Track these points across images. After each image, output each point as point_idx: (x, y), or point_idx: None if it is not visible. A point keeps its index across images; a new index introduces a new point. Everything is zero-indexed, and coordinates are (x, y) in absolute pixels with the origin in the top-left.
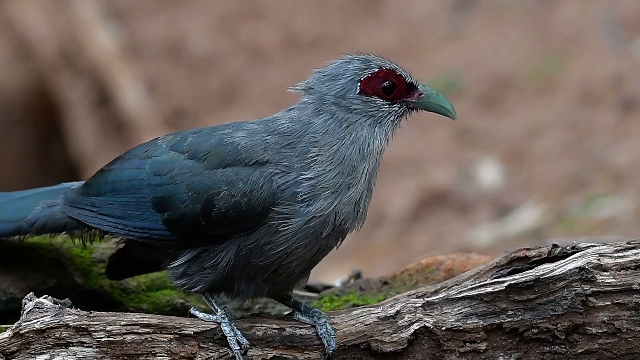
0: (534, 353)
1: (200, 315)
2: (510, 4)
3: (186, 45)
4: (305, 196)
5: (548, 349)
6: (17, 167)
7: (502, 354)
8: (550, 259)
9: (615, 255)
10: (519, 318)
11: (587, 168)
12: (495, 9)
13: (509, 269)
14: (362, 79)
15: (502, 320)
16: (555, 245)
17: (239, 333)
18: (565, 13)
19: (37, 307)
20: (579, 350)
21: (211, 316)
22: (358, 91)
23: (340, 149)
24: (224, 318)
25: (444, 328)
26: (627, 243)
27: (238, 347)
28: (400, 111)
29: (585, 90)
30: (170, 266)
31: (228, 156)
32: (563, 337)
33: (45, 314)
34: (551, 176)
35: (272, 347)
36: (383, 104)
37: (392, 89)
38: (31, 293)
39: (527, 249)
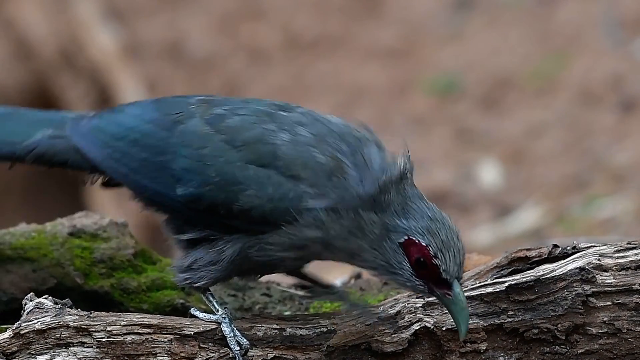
0: (534, 353)
1: (201, 315)
2: (510, 4)
3: (186, 45)
4: (315, 221)
5: (548, 349)
6: (17, 168)
7: (502, 354)
8: (551, 259)
9: (616, 255)
10: (520, 318)
11: (587, 168)
12: (495, 9)
13: (510, 269)
14: (411, 238)
15: (503, 321)
16: (555, 246)
17: (239, 333)
18: (565, 13)
19: (38, 308)
20: (580, 351)
21: (212, 316)
22: (402, 241)
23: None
24: (224, 318)
25: (444, 328)
26: (627, 243)
27: (238, 348)
28: (420, 288)
29: (585, 90)
30: (176, 253)
31: (265, 156)
32: (563, 338)
33: (46, 314)
34: (551, 176)
35: (272, 348)
36: (408, 269)
37: (424, 267)
38: (31, 293)
39: (528, 249)
